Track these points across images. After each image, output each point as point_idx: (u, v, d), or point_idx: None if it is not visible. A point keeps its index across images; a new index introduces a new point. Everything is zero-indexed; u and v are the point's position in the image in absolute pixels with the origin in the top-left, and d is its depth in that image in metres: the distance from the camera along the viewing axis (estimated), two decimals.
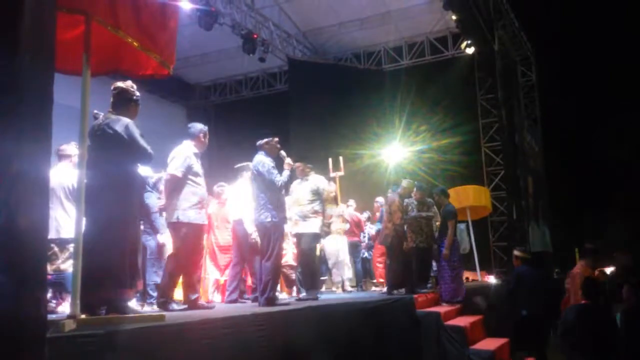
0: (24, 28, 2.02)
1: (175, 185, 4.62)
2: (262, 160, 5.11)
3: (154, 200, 5.76)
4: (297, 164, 5.99)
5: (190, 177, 4.67)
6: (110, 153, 3.42)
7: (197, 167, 4.76)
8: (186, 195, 4.62)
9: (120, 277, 3.33)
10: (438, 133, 13.00)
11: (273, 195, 5.03)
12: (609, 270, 8.81)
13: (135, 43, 3.30)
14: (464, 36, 12.21)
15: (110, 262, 3.28)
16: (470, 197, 11.61)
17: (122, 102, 3.68)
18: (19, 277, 1.94)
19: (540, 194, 15.62)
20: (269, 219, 4.96)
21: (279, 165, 5.22)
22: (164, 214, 5.78)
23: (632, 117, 15.90)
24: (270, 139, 5.29)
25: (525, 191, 13.47)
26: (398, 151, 12.91)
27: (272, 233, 4.96)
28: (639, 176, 15.87)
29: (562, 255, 15.29)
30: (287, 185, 5.36)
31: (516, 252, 7.08)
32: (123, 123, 3.50)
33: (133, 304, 3.88)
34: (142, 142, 3.55)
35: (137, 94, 3.78)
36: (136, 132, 3.54)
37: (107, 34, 3.31)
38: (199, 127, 4.91)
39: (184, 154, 4.69)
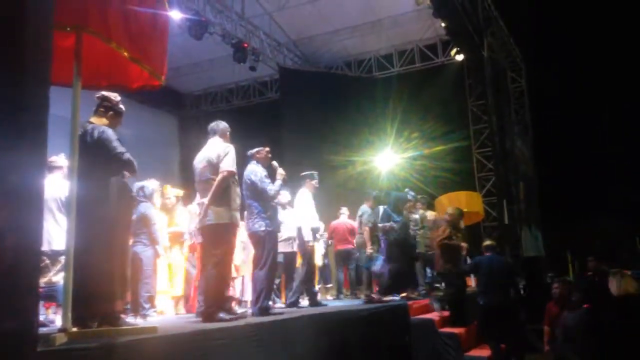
0: (25, 50, 2.04)
1: (228, 184, 4.36)
2: (254, 169, 5.12)
3: (153, 211, 5.71)
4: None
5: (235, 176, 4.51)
6: (94, 162, 3.37)
7: None
8: (233, 195, 4.39)
9: (112, 289, 3.30)
10: (430, 140, 13.03)
11: (266, 204, 5.03)
12: None
13: (126, 54, 3.28)
14: (453, 43, 12.30)
15: (100, 274, 3.24)
16: (462, 203, 11.61)
17: (104, 110, 3.63)
18: (11, 291, 1.93)
19: (532, 199, 15.69)
20: (262, 228, 4.94)
21: (271, 174, 5.22)
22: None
23: (623, 121, 16.07)
24: (262, 148, 5.29)
25: (517, 196, 13.52)
26: (390, 158, 12.93)
27: (266, 242, 4.95)
28: (631, 179, 15.99)
29: (555, 260, 15.35)
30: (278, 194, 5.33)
31: (484, 244, 6.94)
32: (100, 129, 3.48)
33: (125, 316, 3.83)
34: (116, 144, 3.47)
35: (121, 106, 3.69)
36: (112, 137, 3.48)
37: (97, 47, 3.29)
38: (222, 124, 4.80)
39: (233, 151, 4.48)
